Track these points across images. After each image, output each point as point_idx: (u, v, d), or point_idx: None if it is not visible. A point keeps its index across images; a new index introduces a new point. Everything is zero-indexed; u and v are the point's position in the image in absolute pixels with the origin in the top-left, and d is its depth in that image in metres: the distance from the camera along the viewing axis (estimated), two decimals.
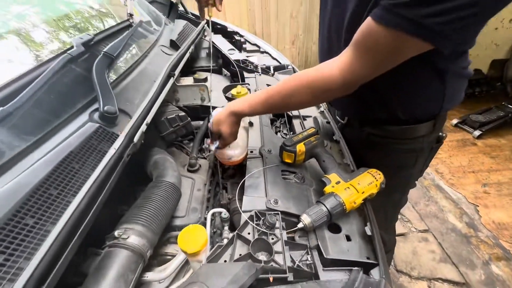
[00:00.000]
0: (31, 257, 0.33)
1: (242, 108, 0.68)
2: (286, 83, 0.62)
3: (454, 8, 0.40)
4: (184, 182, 0.91)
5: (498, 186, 1.97)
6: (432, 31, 0.43)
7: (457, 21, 0.41)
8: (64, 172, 0.44)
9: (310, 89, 0.59)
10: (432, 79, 0.64)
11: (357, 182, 0.63)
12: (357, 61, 0.52)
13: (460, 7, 0.40)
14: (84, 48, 0.68)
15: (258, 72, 1.37)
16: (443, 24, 0.41)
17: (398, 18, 0.43)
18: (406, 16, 0.42)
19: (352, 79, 0.54)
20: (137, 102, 0.67)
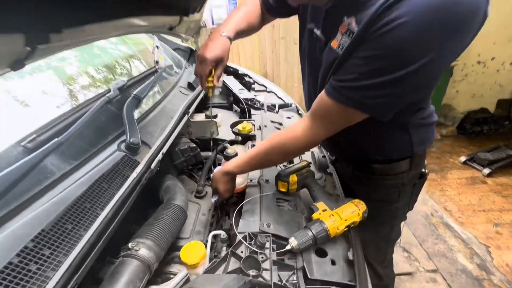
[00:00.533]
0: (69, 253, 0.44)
1: (232, 169, 0.80)
2: (262, 146, 0.75)
3: (382, 92, 0.53)
4: (191, 206, 1.00)
5: (511, 227, 1.91)
6: (370, 107, 0.56)
7: (387, 98, 0.54)
8: (96, 190, 0.56)
9: (281, 149, 0.72)
10: (396, 129, 0.74)
11: (341, 210, 0.70)
12: (315, 125, 0.65)
13: (386, 91, 0.52)
14: (119, 92, 0.84)
15: (263, 109, 1.52)
16: (377, 101, 0.54)
17: (343, 96, 0.57)
18: (348, 95, 0.56)
19: (314, 139, 0.68)
20: (156, 135, 0.81)
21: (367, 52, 0.51)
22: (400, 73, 0.48)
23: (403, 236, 1.89)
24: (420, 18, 0.43)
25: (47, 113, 0.67)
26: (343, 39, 0.58)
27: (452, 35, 0.45)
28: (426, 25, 0.43)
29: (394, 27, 0.45)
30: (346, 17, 0.56)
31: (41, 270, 0.40)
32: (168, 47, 1.74)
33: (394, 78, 0.49)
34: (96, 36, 0.62)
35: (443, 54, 0.47)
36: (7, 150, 0.54)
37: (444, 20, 0.43)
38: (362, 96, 0.55)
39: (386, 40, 0.46)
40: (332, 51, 0.61)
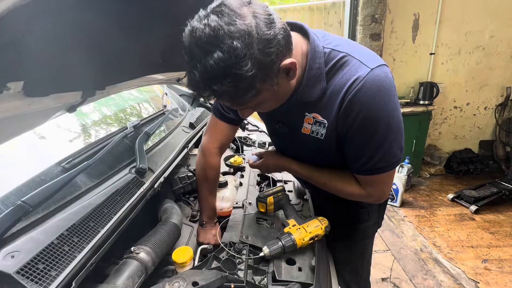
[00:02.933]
0: (91, 241, 0.60)
1: (295, 167, 0.91)
2: (325, 177, 0.86)
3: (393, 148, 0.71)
4: (185, 228, 1.14)
5: (499, 263, 1.94)
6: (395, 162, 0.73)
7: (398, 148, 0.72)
8: (112, 200, 0.74)
9: (337, 190, 0.85)
10: None
11: (307, 225, 0.85)
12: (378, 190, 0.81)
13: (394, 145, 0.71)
14: (133, 129, 1.07)
15: (255, 146, 1.74)
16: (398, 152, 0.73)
17: (380, 169, 0.73)
18: (382, 166, 0.72)
19: (369, 199, 0.83)
20: (159, 163, 1.00)
21: (359, 141, 0.71)
22: (390, 136, 0.69)
23: (394, 270, 1.93)
24: (373, 105, 0.64)
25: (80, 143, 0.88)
26: (314, 127, 0.76)
27: (392, 96, 0.67)
28: (379, 105, 0.65)
29: (362, 119, 0.66)
30: (308, 113, 0.75)
31: (72, 250, 0.56)
32: (175, 93, 2.04)
33: (390, 140, 0.70)
34: (125, 88, 0.86)
35: (396, 105, 0.69)
36: (50, 168, 0.74)
37: (385, 96, 0.65)
38: (385, 161, 0.71)
39: (364, 129, 0.67)
40: (307, 136, 0.78)
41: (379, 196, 0.82)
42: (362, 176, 0.78)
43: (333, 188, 0.86)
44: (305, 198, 1.16)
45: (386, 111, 0.66)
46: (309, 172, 0.90)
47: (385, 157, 0.71)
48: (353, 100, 0.64)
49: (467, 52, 3.08)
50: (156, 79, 1.10)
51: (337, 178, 0.85)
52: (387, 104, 0.66)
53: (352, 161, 0.76)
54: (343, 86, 0.65)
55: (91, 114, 1.11)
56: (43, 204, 0.62)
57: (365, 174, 0.76)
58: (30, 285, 0.47)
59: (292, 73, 0.62)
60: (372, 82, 0.63)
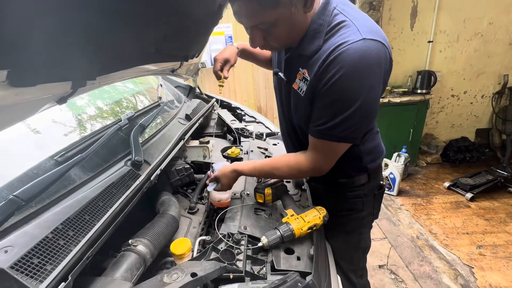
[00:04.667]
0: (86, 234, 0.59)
1: (242, 170, 0.95)
2: (272, 161, 0.92)
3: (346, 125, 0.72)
4: (183, 220, 1.14)
5: (493, 249, 1.98)
6: (344, 137, 0.76)
7: (352, 128, 0.74)
8: (107, 193, 0.72)
9: (287, 170, 0.88)
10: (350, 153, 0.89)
11: (305, 215, 0.85)
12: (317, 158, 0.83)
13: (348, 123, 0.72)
14: (128, 121, 1.05)
15: (252, 137, 1.73)
16: (347, 132, 0.74)
17: (324, 135, 0.76)
18: (328, 134, 0.75)
19: (317, 169, 0.84)
20: (156, 155, 0.99)
21: (324, 101, 0.73)
22: (352, 109, 0.69)
23: (390, 258, 1.96)
24: (350, 70, 0.65)
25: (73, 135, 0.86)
26: (300, 84, 0.80)
27: (371, 73, 0.67)
28: (355, 73, 0.66)
29: (335, 80, 0.67)
30: (301, 68, 0.79)
31: (67, 244, 0.55)
32: (170, 85, 2.01)
33: (350, 114, 0.70)
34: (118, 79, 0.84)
35: (374, 87, 0.70)
36: (43, 162, 0.72)
37: (365, 68, 0.66)
38: (336, 132, 0.74)
39: (333, 90, 0.69)
40: (295, 91, 0.83)
41: (321, 166, 0.83)
42: (313, 138, 0.80)
43: (283, 173, 0.90)
44: (303, 188, 1.16)
45: (359, 84, 0.67)
46: (255, 167, 0.94)
47: (337, 128, 0.72)
48: (334, 60, 0.66)
49: (466, 40, 3.05)
50: (150, 69, 1.07)
51: (282, 163, 0.89)
52: (361, 78, 0.67)
53: (312, 120, 0.79)
54: (331, 46, 0.67)
55: (84, 107, 1.09)
56: (36, 198, 0.61)
57: (315, 136, 0.78)
58: (25, 279, 0.46)
59: (310, 4, 0.66)
60: (357, 50, 0.64)
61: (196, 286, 0.61)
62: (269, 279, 0.70)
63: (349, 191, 1.01)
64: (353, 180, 0.99)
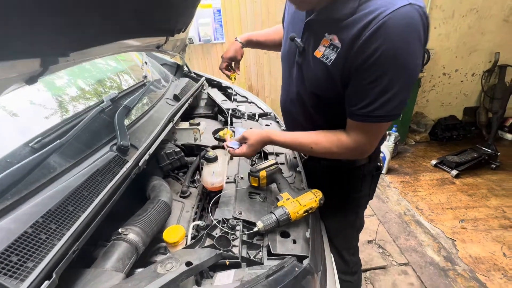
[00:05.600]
0: (71, 227, 0.55)
1: (277, 137, 0.86)
2: (310, 138, 0.83)
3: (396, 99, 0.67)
4: (176, 205, 1.11)
5: (474, 222, 2.08)
6: (394, 114, 0.69)
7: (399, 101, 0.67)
8: (92, 181, 0.68)
9: (331, 145, 0.81)
10: None
11: (301, 198, 0.84)
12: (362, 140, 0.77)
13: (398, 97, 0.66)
14: (111, 103, 0.97)
15: (244, 118, 1.67)
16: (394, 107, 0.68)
17: (371, 117, 0.70)
18: (376, 114, 0.69)
19: (361, 152, 0.79)
20: (143, 139, 0.93)
21: (369, 78, 0.66)
22: (400, 83, 0.64)
23: (379, 233, 2.04)
24: (398, 40, 0.59)
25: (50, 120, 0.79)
26: (326, 51, 0.73)
27: (418, 41, 0.62)
28: (404, 44, 0.60)
29: (381, 53, 0.60)
30: (328, 34, 0.71)
31: (49, 238, 0.51)
32: (156, 63, 1.88)
33: (398, 89, 0.65)
34: (96, 55, 0.75)
35: (420, 56, 0.64)
36: (17, 149, 0.66)
37: (413, 37, 0.60)
38: (383, 111, 0.68)
39: (380, 64, 0.62)
40: (317, 59, 0.75)
41: (366, 148, 0.79)
42: (355, 121, 0.75)
43: (321, 149, 0.83)
44: (297, 170, 1.14)
45: (408, 53, 0.62)
46: (294, 138, 0.87)
47: (386, 106, 0.67)
48: (378, 30, 0.60)
49: (461, 15, 2.99)
50: (132, 45, 0.98)
51: (323, 138, 0.82)
52: (410, 45, 0.61)
53: (351, 102, 0.72)
54: (373, 12, 0.60)
55: (62, 87, 0.99)
56: (11, 190, 0.55)
57: (359, 120, 0.73)
58: (3, 279, 0.42)
59: None
60: (404, 17, 0.58)
61: (192, 275, 0.59)
62: (265, 264, 0.69)
63: (349, 171, 1.00)
64: (354, 161, 0.97)
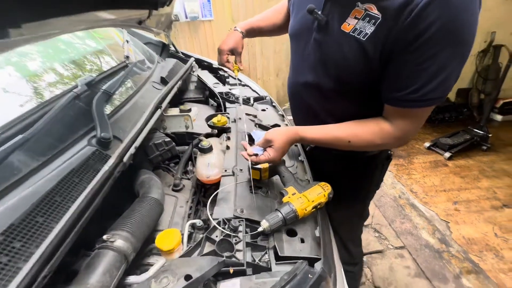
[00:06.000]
0: (40, 244, 0.45)
1: (309, 135, 0.76)
2: (353, 127, 0.73)
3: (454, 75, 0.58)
4: (168, 199, 1.02)
5: (467, 204, 2.12)
6: (445, 95, 0.61)
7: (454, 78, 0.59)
8: (67, 184, 0.57)
9: (373, 137, 0.71)
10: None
11: (308, 193, 0.76)
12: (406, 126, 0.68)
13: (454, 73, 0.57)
14: (87, 87, 0.83)
15: (239, 102, 1.55)
16: (449, 85, 0.60)
17: (422, 102, 0.61)
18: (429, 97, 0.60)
19: (405, 138, 0.70)
20: (128, 129, 0.81)
21: (423, 56, 0.55)
22: (457, 60, 0.56)
23: (375, 217, 2.04)
24: (458, 11, 0.51)
25: (10, 110, 0.65)
26: (360, 24, 0.61)
27: (473, 17, 0.53)
28: (464, 14, 0.51)
29: (440, 27, 0.51)
30: (360, 3, 0.60)
31: (12, 261, 0.41)
32: (139, 42, 1.70)
33: (454, 66, 0.56)
34: (59, 30, 0.61)
35: (476, 26, 0.55)
36: None
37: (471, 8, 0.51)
38: (435, 94, 0.59)
39: (437, 40, 0.53)
40: (345, 35, 0.64)
41: (411, 135, 0.70)
42: (400, 108, 0.64)
43: (362, 142, 0.72)
44: (299, 160, 1.06)
45: (469, 25, 0.53)
46: (327, 133, 0.76)
47: (442, 86, 0.58)
48: (434, 1, 0.50)
49: None
50: (107, 19, 0.82)
51: (362, 129, 0.72)
52: (472, 16, 0.52)
53: (396, 86, 0.62)
54: None
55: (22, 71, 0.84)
56: None
57: (407, 106, 0.63)
58: None
59: None
60: None
61: None
62: (274, 269, 0.62)
63: (361, 161, 0.93)
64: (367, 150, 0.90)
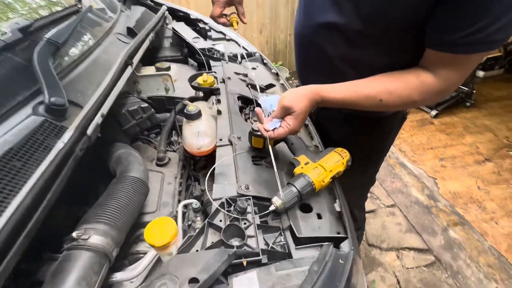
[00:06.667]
0: None
1: (332, 95, 0.60)
2: (385, 81, 0.59)
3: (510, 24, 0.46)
4: (153, 176, 0.87)
5: (452, 160, 2.17)
6: (505, 39, 0.49)
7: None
8: (3, 171, 0.39)
9: (410, 91, 0.57)
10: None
11: (324, 161, 0.64)
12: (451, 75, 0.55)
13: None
14: (21, 35, 0.60)
15: (225, 60, 1.34)
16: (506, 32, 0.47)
17: (479, 46, 0.49)
18: (488, 40, 0.48)
19: (449, 88, 0.57)
20: (89, 92, 0.61)
21: None
22: None
23: None
24: None
25: None
26: None
27: None
28: None
29: None
30: None
31: None
32: None
33: None
34: None
35: None
36: None
37: None
38: (495, 36, 0.47)
39: None
40: None
41: (455, 85, 0.58)
42: (452, 55, 0.52)
43: (396, 99, 0.59)
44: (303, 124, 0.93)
45: None
46: (355, 91, 0.61)
47: (505, 28, 0.46)
48: None
49: None
50: None
51: (397, 84, 0.58)
52: None
53: (453, 27, 0.49)
54: None
55: None
56: None
57: (462, 52, 0.51)
58: None
59: None
60: None
61: None
62: (294, 255, 0.51)
63: (376, 122, 0.82)
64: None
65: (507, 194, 1.85)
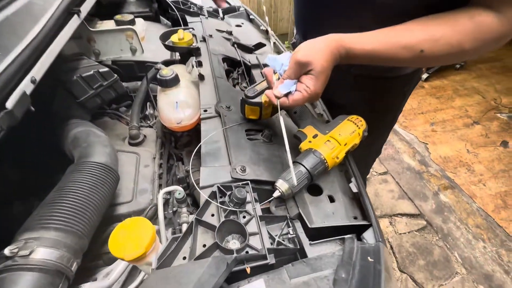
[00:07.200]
0: None
1: (356, 45, 0.46)
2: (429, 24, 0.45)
3: None
4: (126, 158, 0.72)
5: (442, 124, 2.14)
6: None
7: None
8: None
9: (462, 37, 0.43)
10: None
11: (337, 133, 0.52)
12: None
13: None
14: None
15: (204, 14, 1.12)
16: None
17: None
18: None
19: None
20: (10, 47, 0.43)
21: None
22: None
23: None
24: None
25: None
26: None
27: None
28: None
29: None
30: None
31: None
32: None
33: None
34: None
35: None
36: None
37: None
38: None
39: None
40: None
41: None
42: None
43: (443, 48, 0.45)
44: None
45: None
46: (389, 40, 0.46)
47: None
48: None
49: None
50: None
51: (445, 28, 0.44)
52: None
53: None
54: None
55: None
56: None
57: None
58: None
59: None
60: None
61: None
62: (310, 254, 0.41)
63: (390, 83, 0.71)
64: (398, 68, 0.68)
65: (494, 156, 1.87)
